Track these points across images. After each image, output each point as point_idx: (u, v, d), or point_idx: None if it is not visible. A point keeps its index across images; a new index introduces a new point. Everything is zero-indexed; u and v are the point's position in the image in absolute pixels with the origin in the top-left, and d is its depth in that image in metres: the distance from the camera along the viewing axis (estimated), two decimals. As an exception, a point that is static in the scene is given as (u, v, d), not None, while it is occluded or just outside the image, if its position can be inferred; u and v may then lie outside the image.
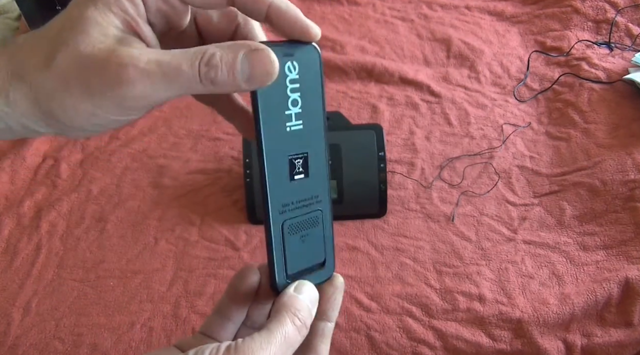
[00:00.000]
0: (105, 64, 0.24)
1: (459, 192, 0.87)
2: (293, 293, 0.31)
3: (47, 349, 0.69)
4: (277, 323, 0.29)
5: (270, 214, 0.28)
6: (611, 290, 0.71)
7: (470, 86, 1.04)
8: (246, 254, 0.79)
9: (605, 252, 0.77)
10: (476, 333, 0.70)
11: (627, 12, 1.13)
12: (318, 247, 0.32)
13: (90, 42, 0.25)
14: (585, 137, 0.93)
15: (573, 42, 1.09)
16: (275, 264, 0.30)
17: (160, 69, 0.24)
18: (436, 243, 0.80)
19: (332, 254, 0.33)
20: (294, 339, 0.29)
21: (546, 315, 0.70)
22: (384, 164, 0.81)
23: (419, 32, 1.16)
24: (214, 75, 0.24)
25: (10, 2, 1.18)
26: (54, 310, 0.73)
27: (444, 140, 0.95)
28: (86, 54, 0.24)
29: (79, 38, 0.25)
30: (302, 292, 0.31)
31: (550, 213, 0.84)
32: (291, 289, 0.31)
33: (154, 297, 0.75)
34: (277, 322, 0.29)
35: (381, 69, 1.05)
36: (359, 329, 0.71)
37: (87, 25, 0.25)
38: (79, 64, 0.25)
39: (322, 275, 0.32)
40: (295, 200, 0.29)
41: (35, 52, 0.26)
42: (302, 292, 0.31)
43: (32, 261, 0.79)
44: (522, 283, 0.75)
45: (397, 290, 0.75)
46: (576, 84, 1.01)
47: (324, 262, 0.33)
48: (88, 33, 0.25)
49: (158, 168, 0.92)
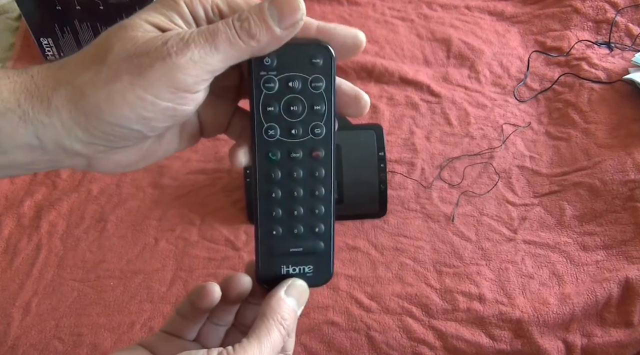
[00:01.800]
0: (152, 43, 0.25)
1: (459, 192, 0.87)
2: (282, 296, 0.30)
3: (47, 349, 0.69)
4: (265, 331, 0.29)
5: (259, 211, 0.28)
6: (611, 290, 0.71)
7: (470, 86, 1.04)
8: (246, 254, 0.79)
9: (606, 252, 0.77)
10: (476, 333, 0.70)
11: (627, 12, 1.13)
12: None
13: (137, 37, 0.26)
14: (585, 137, 0.93)
15: (573, 42, 1.09)
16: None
17: (201, 34, 0.25)
18: (436, 243, 0.80)
19: (330, 255, 0.30)
20: (279, 345, 0.30)
21: (546, 315, 0.70)
22: (384, 164, 0.81)
23: (419, 32, 1.16)
24: (248, 26, 0.25)
25: (10, 2, 1.18)
26: (54, 310, 0.73)
27: (444, 140, 0.95)
28: (134, 44, 0.25)
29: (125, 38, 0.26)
30: (291, 295, 0.30)
31: (550, 213, 0.84)
32: (282, 290, 0.30)
33: (154, 297, 0.75)
34: (266, 331, 0.29)
35: (381, 69, 1.05)
36: (359, 329, 0.71)
37: (129, 30, 0.26)
38: (128, 53, 0.25)
39: (319, 278, 0.30)
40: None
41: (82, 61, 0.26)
42: (292, 294, 0.30)
43: (32, 261, 0.79)
44: (522, 283, 0.75)
45: (397, 290, 0.75)
46: (576, 84, 1.01)
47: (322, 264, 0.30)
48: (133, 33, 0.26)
49: (158, 168, 0.92)
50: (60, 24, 1.02)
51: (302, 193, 0.29)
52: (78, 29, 1.04)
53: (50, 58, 1.07)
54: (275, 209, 0.29)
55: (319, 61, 0.26)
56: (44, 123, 0.24)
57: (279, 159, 0.28)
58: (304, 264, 0.29)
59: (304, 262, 0.29)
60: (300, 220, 0.29)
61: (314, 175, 0.28)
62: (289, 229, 0.29)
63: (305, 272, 0.29)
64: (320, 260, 0.30)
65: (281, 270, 0.29)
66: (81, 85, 0.25)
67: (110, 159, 0.28)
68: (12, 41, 1.14)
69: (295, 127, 0.27)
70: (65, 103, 0.25)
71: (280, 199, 0.29)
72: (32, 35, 1.04)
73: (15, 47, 1.11)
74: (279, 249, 0.29)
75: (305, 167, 0.28)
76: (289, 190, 0.28)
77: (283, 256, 0.29)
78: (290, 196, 0.29)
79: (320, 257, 0.30)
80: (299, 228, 0.29)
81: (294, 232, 0.29)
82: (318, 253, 0.30)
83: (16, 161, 0.25)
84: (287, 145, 0.27)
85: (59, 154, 0.26)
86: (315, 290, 0.76)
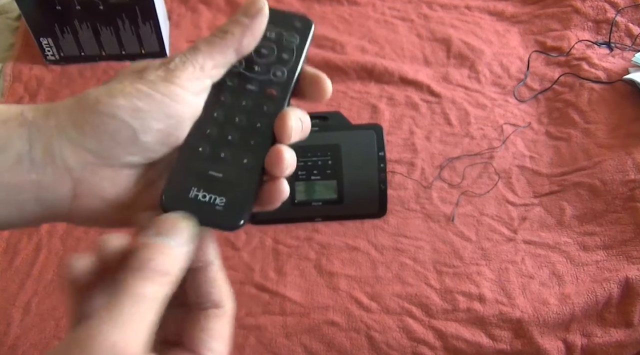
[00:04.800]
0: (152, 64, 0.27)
1: (459, 192, 0.87)
2: (155, 238, 0.24)
3: (47, 349, 0.69)
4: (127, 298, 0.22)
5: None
6: (611, 290, 0.71)
7: (470, 86, 1.04)
8: (246, 254, 0.79)
9: (606, 252, 0.77)
10: (476, 333, 0.70)
11: (627, 12, 1.13)
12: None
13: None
14: (585, 137, 0.93)
15: (573, 42, 1.09)
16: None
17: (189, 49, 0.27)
18: (436, 243, 0.80)
19: (249, 196, 0.26)
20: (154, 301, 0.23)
21: (546, 315, 0.70)
22: (384, 164, 0.81)
23: (419, 32, 1.16)
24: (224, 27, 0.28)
25: (10, 2, 1.18)
26: (54, 310, 0.73)
27: (444, 140, 0.95)
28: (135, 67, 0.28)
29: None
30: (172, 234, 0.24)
31: (550, 213, 0.84)
32: (153, 231, 0.24)
33: (154, 297, 0.75)
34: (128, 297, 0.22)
35: (381, 69, 1.05)
36: (359, 329, 0.71)
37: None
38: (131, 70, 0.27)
39: (227, 218, 0.26)
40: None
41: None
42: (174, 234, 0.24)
43: (32, 261, 0.79)
44: (522, 283, 0.75)
45: (397, 290, 0.75)
46: (576, 84, 1.01)
47: (236, 203, 0.26)
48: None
49: (158, 168, 0.92)
50: (60, 24, 1.02)
51: (244, 121, 0.27)
52: (78, 29, 1.04)
53: (50, 58, 1.07)
54: (211, 127, 0.26)
55: (299, 25, 0.29)
56: (39, 126, 0.24)
57: (235, 85, 0.28)
58: (218, 193, 0.25)
59: (218, 191, 0.25)
60: (231, 145, 0.26)
61: (261, 109, 0.27)
62: (217, 149, 0.26)
63: (216, 203, 0.25)
64: (236, 196, 0.26)
65: (190, 191, 0.25)
66: (85, 92, 0.26)
67: (97, 185, 0.26)
68: (12, 41, 1.14)
69: (259, 65, 0.28)
70: (66, 105, 0.25)
71: (219, 119, 0.27)
72: (32, 35, 1.04)
73: (15, 47, 1.11)
74: (197, 166, 0.26)
75: (256, 100, 0.27)
76: (232, 114, 0.27)
77: (199, 176, 0.26)
78: (230, 120, 0.27)
79: (237, 193, 0.26)
80: (227, 152, 0.26)
81: (220, 155, 0.26)
82: (237, 187, 0.26)
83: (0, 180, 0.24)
84: (246, 77, 0.28)
85: (45, 166, 0.24)
86: (316, 290, 0.76)
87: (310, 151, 0.81)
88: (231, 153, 0.26)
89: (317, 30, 0.31)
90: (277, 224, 0.83)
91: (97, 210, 0.26)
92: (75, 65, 1.08)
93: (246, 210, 0.26)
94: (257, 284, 0.76)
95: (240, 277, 0.77)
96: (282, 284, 0.76)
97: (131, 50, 1.08)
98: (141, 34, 1.06)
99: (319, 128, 0.83)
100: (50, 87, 1.05)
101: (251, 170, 0.26)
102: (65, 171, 0.25)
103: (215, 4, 1.22)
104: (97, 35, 1.05)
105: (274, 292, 0.75)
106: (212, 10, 1.21)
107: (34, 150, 0.24)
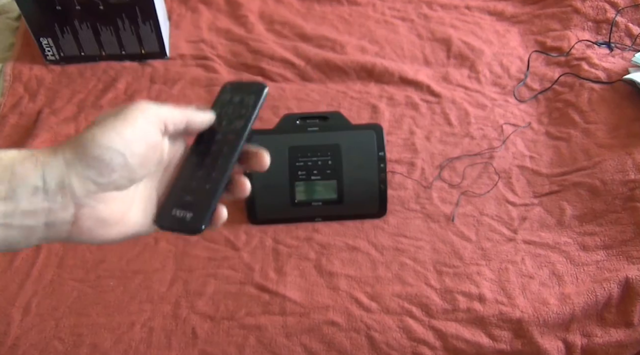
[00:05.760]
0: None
1: (459, 192, 0.87)
2: None
3: (47, 349, 0.69)
4: None
5: None
6: (611, 290, 0.71)
7: (470, 86, 1.04)
8: (246, 254, 0.79)
9: (606, 252, 0.77)
10: (476, 333, 0.70)
11: (627, 12, 1.13)
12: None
13: None
14: (585, 137, 0.93)
15: (573, 42, 1.09)
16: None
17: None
18: (436, 243, 0.80)
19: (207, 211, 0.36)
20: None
21: (546, 315, 0.70)
22: (384, 164, 0.81)
23: (419, 32, 1.16)
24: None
25: (10, 2, 1.18)
26: (54, 310, 0.73)
27: (444, 140, 0.95)
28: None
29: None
30: None
31: (550, 213, 0.84)
32: None
33: (154, 297, 0.75)
34: None
35: (381, 69, 1.05)
36: (359, 329, 0.71)
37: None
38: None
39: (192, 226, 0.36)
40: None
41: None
42: None
43: (32, 261, 0.79)
44: (522, 283, 0.75)
45: (397, 290, 0.75)
46: (576, 84, 1.01)
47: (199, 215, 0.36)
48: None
49: (158, 168, 0.92)
50: (60, 24, 1.02)
51: (209, 161, 0.37)
52: (78, 29, 1.04)
53: (50, 58, 1.07)
54: (190, 168, 0.37)
55: (254, 88, 0.40)
56: (50, 164, 0.31)
57: (208, 137, 0.38)
58: (188, 210, 0.36)
59: (188, 209, 0.36)
60: (198, 178, 0.37)
61: (221, 151, 0.37)
62: (189, 182, 0.37)
63: (186, 217, 0.35)
64: (199, 212, 0.36)
65: (172, 211, 0.36)
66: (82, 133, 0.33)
67: (94, 208, 0.32)
68: (12, 41, 1.14)
69: (225, 119, 0.39)
70: (69, 144, 0.32)
71: (195, 160, 0.38)
72: (32, 35, 1.04)
73: (15, 47, 1.11)
74: (176, 194, 0.37)
75: (220, 145, 0.38)
76: (202, 157, 0.38)
77: (177, 201, 0.36)
78: (200, 162, 0.37)
79: (200, 209, 0.36)
80: (195, 182, 0.37)
81: (191, 185, 0.37)
82: (199, 205, 0.36)
83: (19, 208, 0.30)
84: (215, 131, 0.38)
85: (56, 195, 0.31)
86: (316, 290, 0.76)
87: (310, 151, 0.81)
88: (198, 183, 0.37)
89: (317, 30, 0.32)
90: (277, 224, 0.83)
91: (92, 229, 0.33)
92: (75, 65, 1.08)
93: (205, 221, 0.35)
94: (257, 284, 0.76)
95: (240, 277, 0.77)
96: (282, 284, 0.76)
97: (131, 50, 1.08)
98: (141, 34, 1.06)
99: (319, 128, 0.83)
100: (50, 87, 1.05)
101: (211, 193, 0.36)
102: (71, 199, 0.31)
103: (215, 4, 1.22)
104: (97, 35, 1.05)
105: (274, 292, 0.75)
106: (212, 10, 1.21)
107: (48, 184, 0.31)
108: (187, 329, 0.72)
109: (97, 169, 0.32)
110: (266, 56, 1.09)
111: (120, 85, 1.05)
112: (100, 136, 0.32)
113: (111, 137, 0.32)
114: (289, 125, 0.84)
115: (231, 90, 0.40)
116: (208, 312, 0.73)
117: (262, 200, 0.81)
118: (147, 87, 1.05)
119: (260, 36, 1.14)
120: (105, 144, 0.32)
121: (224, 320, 0.72)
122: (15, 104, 1.02)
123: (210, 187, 0.36)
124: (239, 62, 1.10)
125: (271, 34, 1.16)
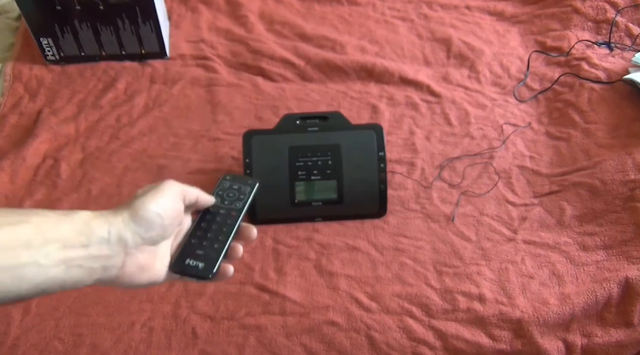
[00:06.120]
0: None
1: (459, 192, 0.87)
2: None
3: (47, 349, 0.69)
4: None
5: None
6: (611, 290, 0.71)
7: (470, 86, 1.04)
8: (246, 254, 0.79)
9: (605, 252, 0.77)
10: (476, 333, 0.70)
11: (627, 12, 1.13)
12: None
13: None
14: (585, 137, 0.93)
15: (573, 42, 1.09)
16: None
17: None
18: (436, 243, 0.80)
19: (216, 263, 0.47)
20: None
21: (546, 315, 0.70)
22: (384, 164, 0.81)
23: (419, 32, 1.16)
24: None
25: (10, 2, 1.18)
26: (54, 310, 0.73)
27: (444, 140, 0.95)
28: None
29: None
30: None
31: (550, 213, 0.84)
32: None
33: (154, 297, 0.75)
34: None
35: (381, 69, 1.05)
36: (359, 329, 0.71)
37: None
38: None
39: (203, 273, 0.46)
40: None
41: None
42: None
43: (32, 261, 0.79)
44: (522, 283, 0.75)
45: (397, 290, 0.75)
46: (576, 84, 1.01)
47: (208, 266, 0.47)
48: None
49: (158, 168, 0.92)
50: (60, 24, 1.02)
51: (217, 227, 0.49)
52: (78, 29, 1.04)
53: (50, 58, 1.07)
54: (201, 230, 0.49)
55: (250, 181, 0.53)
56: (113, 222, 0.41)
57: (215, 210, 0.51)
58: (199, 261, 0.47)
59: (200, 260, 0.47)
60: (209, 239, 0.48)
61: (226, 222, 0.50)
62: (202, 240, 0.48)
63: (198, 265, 0.46)
64: (209, 263, 0.47)
65: (186, 260, 0.47)
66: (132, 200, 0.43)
67: (137, 257, 0.42)
68: (12, 41, 1.14)
69: (228, 201, 0.52)
70: (125, 207, 0.43)
71: (205, 226, 0.49)
72: (32, 35, 1.04)
73: (15, 47, 1.11)
74: (191, 249, 0.48)
75: (224, 217, 0.50)
76: (211, 224, 0.50)
77: (190, 253, 0.47)
78: (209, 227, 0.49)
79: (209, 261, 0.47)
80: (206, 241, 0.48)
81: (202, 243, 0.48)
82: (209, 258, 0.47)
83: (90, 254, 0.39)
84: (220, 207, 0.51)
85: (115, 245, 0.41)
86: (316, 290, 0.76)
87: (310, 151, 0.81)
88: (208, 242, 0.48)
89: (317, 30, 0.31)
90: (277, 224, 0.83)
91: (133, 274, 0.42)
92: (75, 65, 1.08)
93: (213, 270, 0.46)
94: (257, 284, 0.76)
95: (240, 277, 0.77)
96: (282, 284, 0.76)
97: (131, 50, 1.08)
98: (141, 34, 1.06)
99: (319, 128, 0.83)
100: (50, 87, 1.05)
101: (218, 251, 0.48)
102: (122, 248, 0.41)
103: (215, 4, 1.22)
104: (97, 35, 1.05)
105: (274, 292, 0.75)
106: (212, 10, 1.21)
107: (111, 236, 0.41)
108: (187, 329, 0.72)
109: (145, 227, 0.42)
110: (266, 56, 1.09)
111: (120, 85, 1.05)
112: (148, 203, 0.43)
113: (155, 204, 0.43)
114: (289, 125, 0.84)
115: (230, 180, 0.54)
116: (208, 312, 0.73)
117: (262, 200, 0.81)
118: (147, 87, 1.05)
119: (260, 36, 1.14)
120: (151, 208, 0.43)
121: (224, 320, 0.72)
122: (15, 104, 1.02)
123: (218, 246, 0.48)
124: (239, 62, 1.10)
125: (271, 34, 1.16)
